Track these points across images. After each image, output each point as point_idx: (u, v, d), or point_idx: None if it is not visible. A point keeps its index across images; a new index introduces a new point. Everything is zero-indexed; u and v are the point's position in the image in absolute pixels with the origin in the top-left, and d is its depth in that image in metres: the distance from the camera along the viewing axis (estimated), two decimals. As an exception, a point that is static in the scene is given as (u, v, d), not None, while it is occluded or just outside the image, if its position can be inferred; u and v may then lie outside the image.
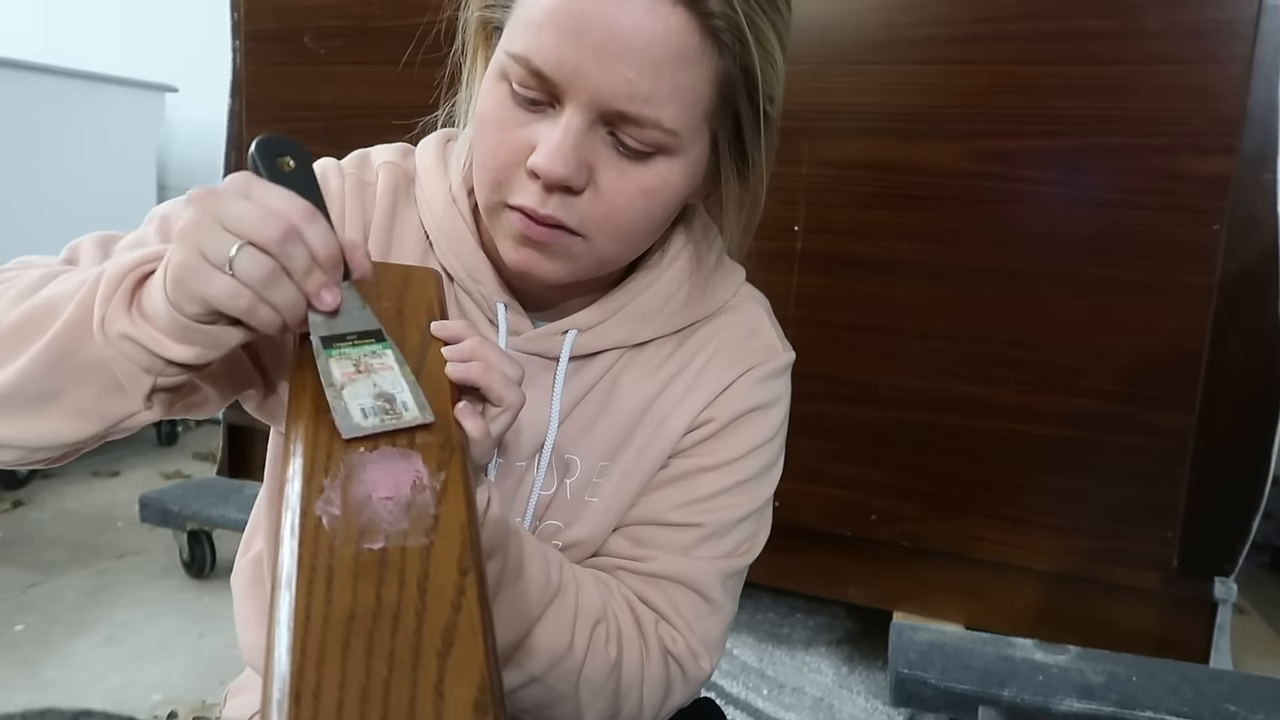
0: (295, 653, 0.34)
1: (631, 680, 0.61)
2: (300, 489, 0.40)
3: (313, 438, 0.43)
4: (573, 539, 0.65)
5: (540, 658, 0.57)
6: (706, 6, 0.50)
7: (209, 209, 0.43)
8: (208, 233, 0.43)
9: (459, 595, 0.38)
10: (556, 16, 0.51)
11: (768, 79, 0.56)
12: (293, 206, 0.44)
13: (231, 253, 0.42)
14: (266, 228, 0.43)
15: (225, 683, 0.79)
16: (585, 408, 0.65)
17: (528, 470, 0.64)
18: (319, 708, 0.33)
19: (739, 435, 0.66)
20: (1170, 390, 1.34)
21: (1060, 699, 1.21)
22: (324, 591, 0.36)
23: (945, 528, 1.47)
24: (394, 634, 0.35)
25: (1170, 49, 1.27)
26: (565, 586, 0.58)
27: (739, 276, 0.71)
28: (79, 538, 2.03)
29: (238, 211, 0.43)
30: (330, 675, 0.34)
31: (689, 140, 0.55)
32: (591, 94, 0.51)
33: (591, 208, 0.55)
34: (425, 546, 0.39)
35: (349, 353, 0.46)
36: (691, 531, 0.64)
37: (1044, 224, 1.36)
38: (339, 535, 0.39)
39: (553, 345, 0.64)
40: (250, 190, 0.44)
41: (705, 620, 0.64)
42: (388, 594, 0.37)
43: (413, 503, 0.41)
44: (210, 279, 0.43)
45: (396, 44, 1.71)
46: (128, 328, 0.46)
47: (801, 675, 1.63)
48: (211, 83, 1.82)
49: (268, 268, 0.43)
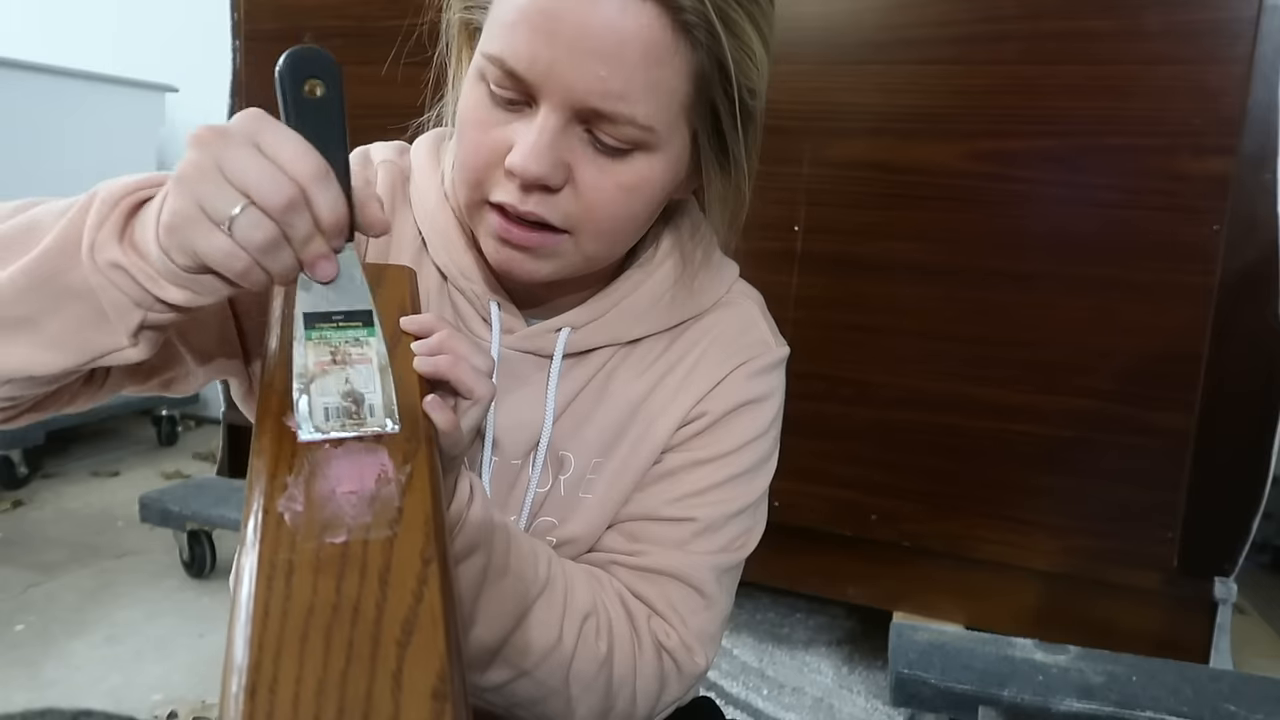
0: (253, 647, 0.34)
1: (624, 674, 0.61)
2: (264, 486, 0.40)
3: (278, 434, 0.43)
4: (567, 535, 0.65)
5: (529, 652, 0.57)
6: (677, 1, 0.50)
7: (214, 155, 0.40)
8: (209, 183, 0.40)
9: (421, 585, 0.37)
10: (529, 16, 0.51)
11: (745, 71, 0.55)
12: (305, 164, 0.41)
13: (234, 211, 0.40)
14: (273, 189, 0.40)
15: (225, 683, 0.79)
16: (579, 405, 0.65)
17: (523, 468, 0.65)
18: (275, 701, 0.33)
19: (732, 429, 0.66)
20: (1170, 390, 1.34)
21: (1060, 699, 1.21)
22: (283, 587, 0.36)
23: (945, 528, 1.47)
24: (353, 625, 0.35)
25: (1170, 49, 1.27)
26: (554, 581, 0.59)
27: (732, 273, 0.71)
28: (79, 538, 2.03)
29: (245, 165, 0.40)
30: (287, 668, 0.34)
31: (666, 136, 0.55)
32: (565, 92, 0.52)
33: (572, 205, 0.55)
34: (388, 538, 0.39)
35: (330, 337, 0.45)
36: (685, 526, 0.64)
37: (1044, 224, 1.36)
38: (301, 531, 0.39)
39: (546, 343, 0.64)
40: (261, 136, 0.41)
41: (700, 615, 0.64)
42: (348, 587, 0.37)
43: (377, 496, 0.41)
44: (206, 236, 0.40)
45: (396, 44, 1.72)
46: (119, 257, 0.44)
47: (801, 675, 1.63)
48: (211, 83, 1.82)
49: (269, 234, 0.41)
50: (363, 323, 0.45)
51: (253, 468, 0.42)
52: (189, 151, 0.41)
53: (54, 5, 3.02)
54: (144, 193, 0.45)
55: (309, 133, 0.42)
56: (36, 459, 2.39)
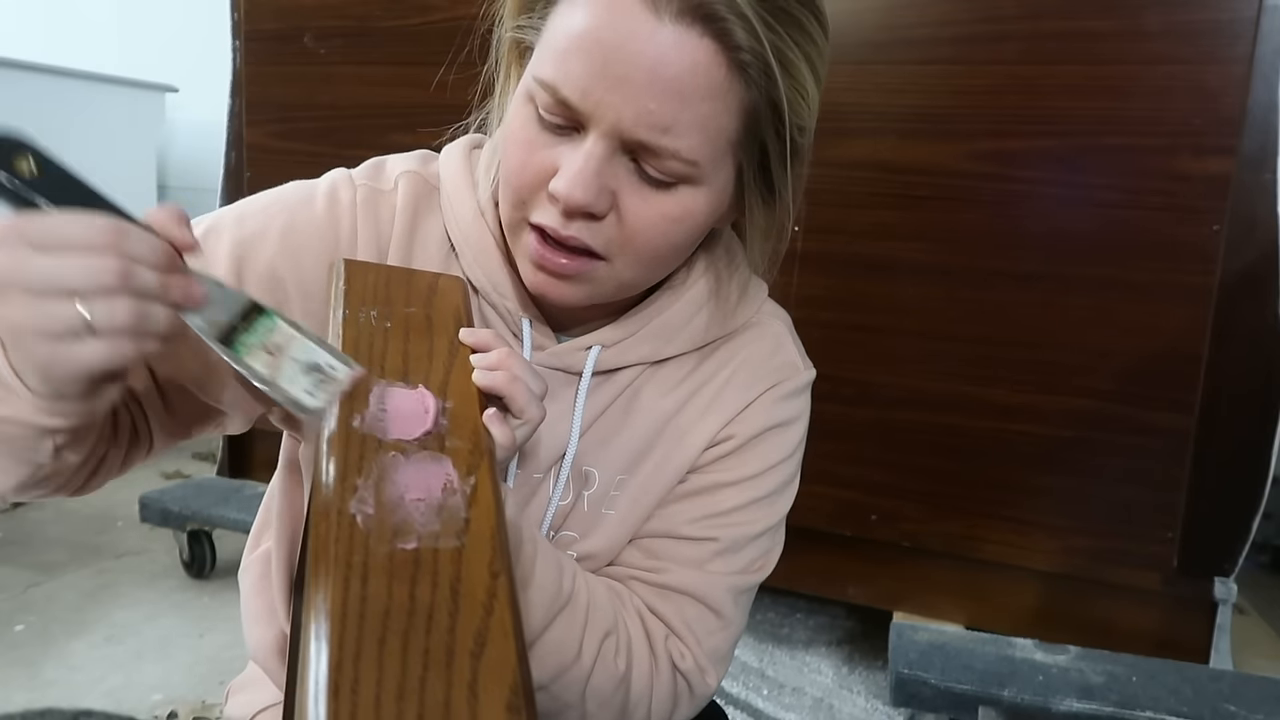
0: (333, 647, 0.34)
1: (640, 694, 0.61)
2: (334, 487, 0.41)
3: (344, 439, 0.43)
4: (588, 550, 0.65)
5: (547, 666, 0.57)
6: (734, 40, 0.50)
7: (13, 282, 0.38)
8: (36, 309, 0.38)
9: (490, 598, 0.38)
10: (583, 45, 0.51)
11: (796, 110, 0.55)
12: (97, 232, 0.39)
13: (86, 316, 0.38)
14: (98, 270, 0.38)
15: (225, 683, 0.79)
16: (605, 422, 0.65)
17: (545, 481, 0.64)
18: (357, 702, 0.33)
19: (758, 452, 0.66)
20: (1170, 390, 1.34)
21: (1060, 699, 1.21)
22: (359, 588, 0.37)
23: (945, 528, 1.47)
24: (428, 633, 0.36)
25: (1170, 49, 1.27)
26: (576, 596, 0.58)
27: (762, 294, 0.70)
28: (79, 538, 2.03)
29: (47, 272, 0.38)
30: (367, 671, 0.34)
31: (711, 170, 0.55)
32: (614, 123, 0.51)
33: (615, 232, 0.55)
34: (457, 549, 0.40)
35: (249, 341, 0.45)
36: (706, 546, 0.64)
37: (1044, 224, 1.36)
38: (373, 534, 0.39)
39: (576, 361, 0.63)
40: (33, 236, 0.38)
41: (715, 636, 0.64)
42: (421, 594, 0.37)
43: (444, 505, 0.41)
44: (77, 352, 0.39)
45: (396, 44, 1.72)
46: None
47: (801, 675, 1.63)
48: (211, 83, 1.82)
49: (130, 306, 0.39)
50: (257, 312, 0.46)
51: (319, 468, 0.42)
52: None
53: (54, 5, 3.01)
54: None
55: (65, 206, 0.41)
56: (36, 459, 2.38)
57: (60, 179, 0.41)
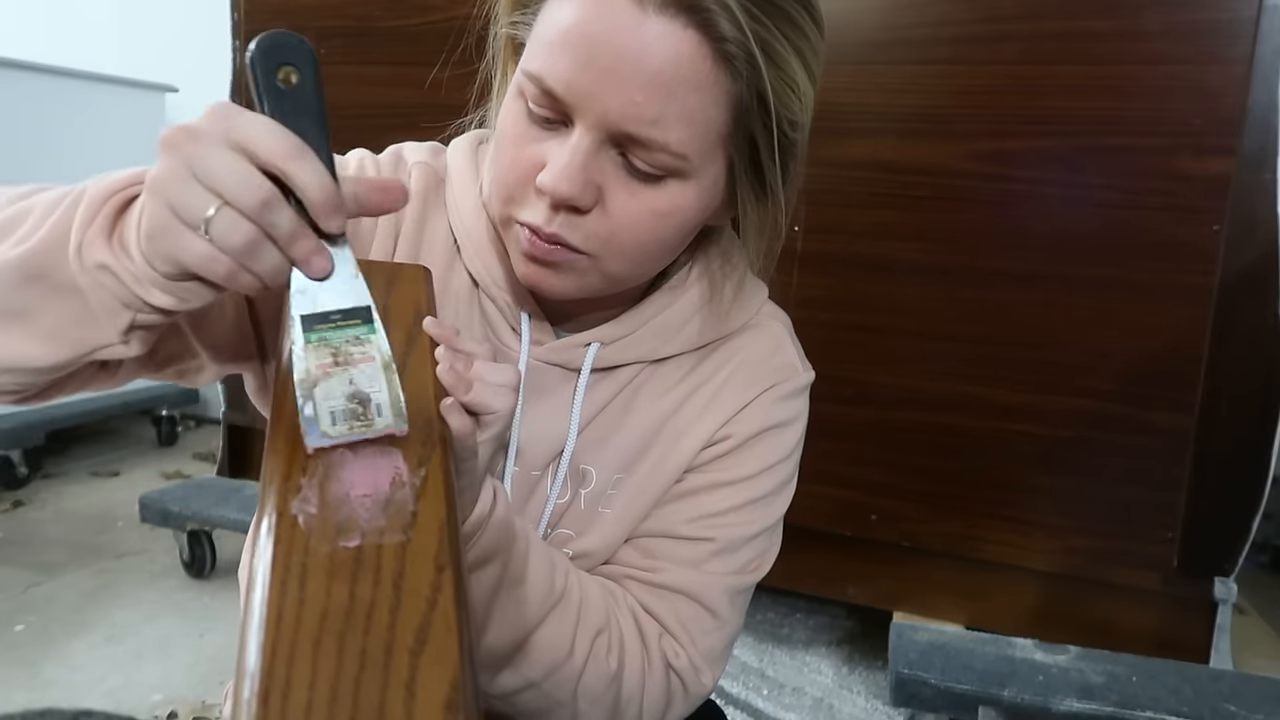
0: (265, 652, 0.34)
1: (632, 692, 0.61)
2: (277, 488, 0.40)
3: (291, 435, 0.42)
4: (584, 549, 0.65)
5: (538, 663, 0.57)
6: (718, 30, 0.50)
7: (184, 158, 0.39)
8: (180, 188, 0.39)
9: (434, 592, 0.37)
10: (569, 37, 0.51)
11: (786, 103, 0.54)
12: (279, 146, 0.39)
13: (209, 213, 0.38)
14: (246, 187, 0.38)
15: (225, 683, 0.79)
16: (603, 420, 0.65)
17: (542, 479, 0.64)
18: (287, 707, 0.32)
19: (756, 453, 0.66)
20: (1170, 390, 1.34)
21: (1060, 699, 1.21)
22: (297, 590, 0.36)
23: (945, 528, 1.47)
24: (366, 632, 0.35)
25: (1170, 49, 1.27)
26: (569, 593, 0.58)
27: (761, 294, 0.70)
28: (79, 538, 2.03)
29: (215, 163, 0.38)
30: (300, 674, 0.33)
31: (700, 164, 0.54)
32: (600, 115, 0.51)
33: (597, 227, 0.55)
34: (402, 543, 0.38)
35: (330, 338, 0.43)
36: (702, 545, 0.64)
37: (1044, 224, 1.36)
38: (314, 534, 0.38)
39: (574, 357, 0.63)
40: (231, 131, 0.39)
41: (710, 635, 0.64)
42: (362, 592, 0.36)
43: (391, 499, 0.40)
44: (184, 242, 0.39)
45: (396, 44, 1.72)
46: (106, 258, 0.42)
47: (801, 675, 1.63)
48: (211, 83, 1.82)
49: (248, 235, 0.39)
50: (362, 320, 0.44)
51: (266, 468, 0.41)
52: (160, 156, 0.40)
53: (54, 5, 3.02)
54: (132, 190, 0.44)
55: (285, 124, 0.40)
56: (36, 459, 2.39)
57: (305, 95, 0.41)
